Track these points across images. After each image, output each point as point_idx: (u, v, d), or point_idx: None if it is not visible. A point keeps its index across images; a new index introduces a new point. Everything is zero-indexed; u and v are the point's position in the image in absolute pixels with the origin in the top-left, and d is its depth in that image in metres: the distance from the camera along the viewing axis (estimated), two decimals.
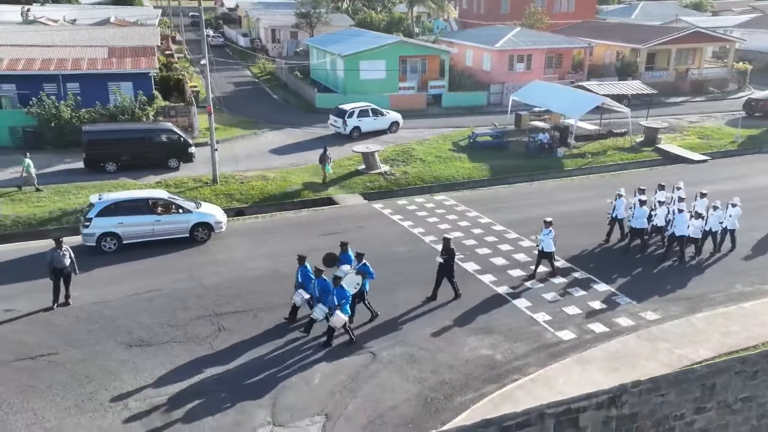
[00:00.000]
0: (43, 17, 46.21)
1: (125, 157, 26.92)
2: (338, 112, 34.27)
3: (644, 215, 18.97)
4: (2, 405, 12.13)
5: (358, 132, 33.82)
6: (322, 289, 14.33)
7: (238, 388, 12.74)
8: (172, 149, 27.44)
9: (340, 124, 33.72)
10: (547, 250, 17.13)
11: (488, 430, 7.83)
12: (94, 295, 16.54)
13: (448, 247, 16.01)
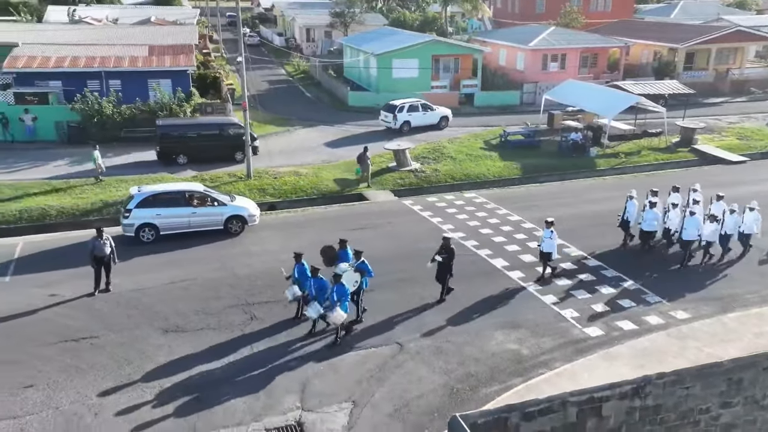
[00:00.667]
0: (88, 17, 47.79)
1: (195, 150, 27.81)
2: (389, 107, 35.03)
3: (654, 218, 18.47)
4: (48, 382, 12.76)
5: (408, 126, 34.33)
6: (318, 287, 14.26)
7: (269, 374, 13.12)
8: (239, 142, 27.97)
9: (390, 118, 34.40)
10: (546, 250, 16.90)
11: (511, 415, 7.99)
12: (133, 282, 17.17)
13: (448, 247, 15.84)
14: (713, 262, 18.41)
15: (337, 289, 13.87)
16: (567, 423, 8.29)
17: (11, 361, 13.39)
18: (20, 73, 30.91)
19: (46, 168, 26.98)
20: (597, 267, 18.22)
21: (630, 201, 19.18)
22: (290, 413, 12.01)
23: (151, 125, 30.77)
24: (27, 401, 12.19)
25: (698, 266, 18.25)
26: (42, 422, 11.61)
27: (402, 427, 11.61)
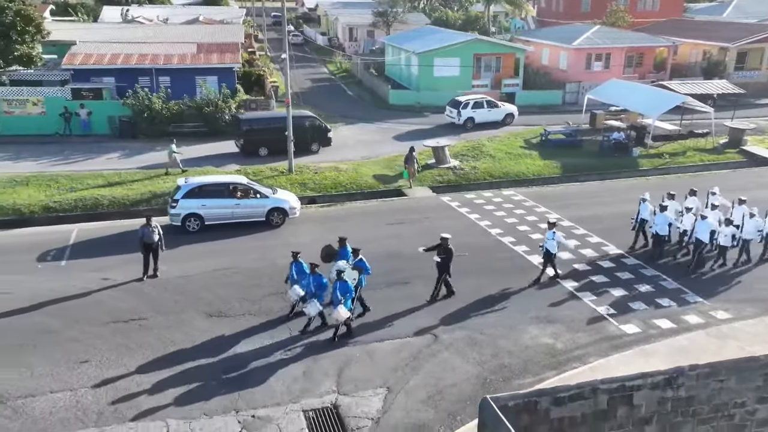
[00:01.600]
0: (140, 17, 49.63)
1: (275, 142, 28.70)
2: (454, 103, 35.69)
3: (665, 221, 17.91)
4: (101, 358, 13.50)
5: (471, 123, 34.77)
6: (317, 285, 14.28)
7: (307, 359, 13.53)
8: (315, 134, 29.87)
9: (455, 114, 34.95)
10: (551, 251, 16.74)
11: (541, 399, 8.14)
12: (179, 269, 17.89)
13: (446, 246, 15.79)
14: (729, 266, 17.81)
15: (341, 286, 13.93)
16: (597, 410, 8.37)
17: (70, 339, 14.21)
18: (77, 70, 32.40)
19: (98, 160, 28.20)
20: (636, 265, 18.06)
21: (643, 204, 18.74)
22: (327, 396, 12.40)
23: (197, 121, 31.92)
24: (82, 375, 12.94)
25: (710, 269, 17.75)
26: (95, 395, 12.31)
27: (434, 413, 11.86)
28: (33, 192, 23.80)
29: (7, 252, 19.03)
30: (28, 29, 31.92)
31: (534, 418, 8.20)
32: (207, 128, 31.77)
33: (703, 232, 17.29)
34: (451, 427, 11.39)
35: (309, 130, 29.96)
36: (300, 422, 11.61)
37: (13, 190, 23.96)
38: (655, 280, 17.11)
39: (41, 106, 30.95)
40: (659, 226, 17.95)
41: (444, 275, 15.98)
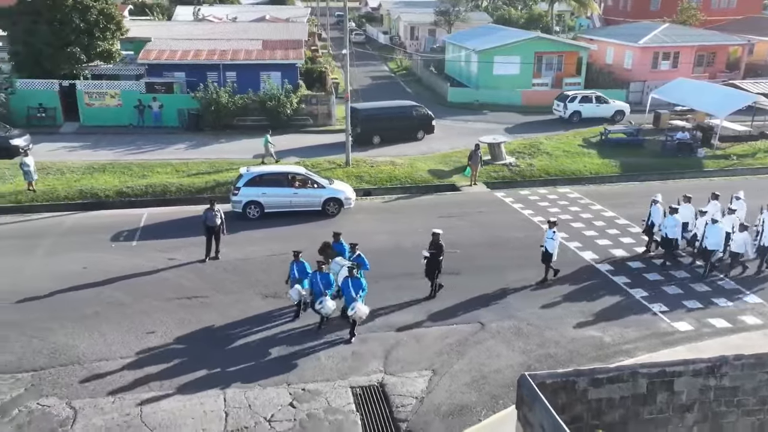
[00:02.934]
0: (210, 15, 51.78)
1: (387, 130, 30.71)
2: (561, 97, 36.20)
3: (674, 224, 17.22)
4: (165, 331, 14.45)
5: (578, 117, 35.08)
6: (326, 283, 14.12)
7: (356, 340, 14.03)
8: (421, 123, 31.97)
9: (561, 108, 35.43)
10: (549, 251, 16.41)
11: (579, 379, 8.30)
12: (239, 252, 18.80)
13: (437, 243, 15.74)
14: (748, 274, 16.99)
15: (354, 283, 13.82)
16: (637, 394, 8.45)
17: (139, 311, 15.25)
18: (151, 65, 34.23)
19: (168, 150, 29.74)
20: (692, 265, 17.62)
21: (654, 206, 18.01)
22: (373, 375, 12.86)
23: (260, 115, 33.09)
24: (149, 344, 13.90)
25: (724, 277, 16.99)
26: (159, 363, 13.22)
27: (477, 396, 12.12)
28: (109, 178, 25.40)
29: (85, 232, 20.49)
30: (109, 27, 33.99)
31: (571, 398, 8.38)
32: (269, 122, 32.88)
33: (712, 236, 16.48)
34: (494, 410, 11.62)
35: (415, 118, 31.94)
36: (347, 397, 12.12)
37: (91, 176, 25.65)
38: (712, 280, 16.68)
39: (118, 99, 32.91)
40: (669, 229, 17.24)
41: (437, 271, 15.86)
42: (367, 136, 30.82)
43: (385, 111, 32.06)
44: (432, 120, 32.48)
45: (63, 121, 32.97)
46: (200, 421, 11.38)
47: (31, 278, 16.83)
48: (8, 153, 26.95)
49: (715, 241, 16.45)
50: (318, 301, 14.02)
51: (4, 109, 31.20)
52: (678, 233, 17.41)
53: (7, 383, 12.37)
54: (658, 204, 18.02)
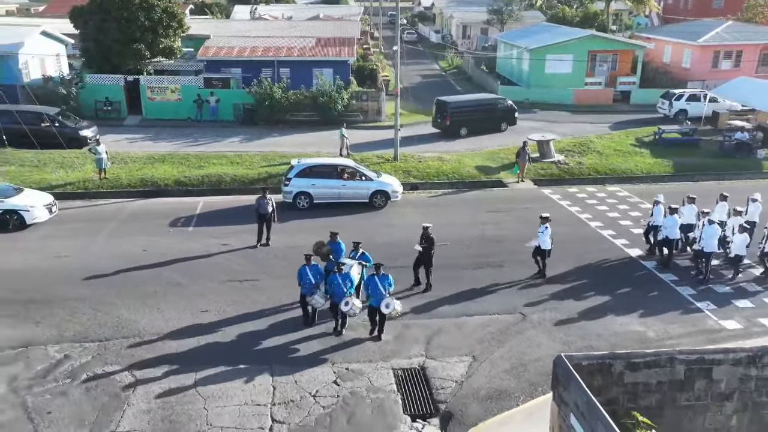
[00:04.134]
0: (266, 14, 53.29)
1: (474, 122, 32.09)
2: (667, 95, 36.13)
3: (674, 224, 16.83)
4: (218, 310, 15.21)
5: (683, 115, 34.82)
6: (349, 283, 13.77)
7: (399, 325, 14.40)
8: (505, 115, 33.18)
9: (666, 106, 35.32)
10: (543, 247, 16.32)
11: (615, 362, 8.44)
12: (288, 240, 19.47)
13: (428, 236, 15.78)
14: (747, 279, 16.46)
15: (382, 279, 13.56)
16: (674, 380, 8.52)
17: (194, 292, 16.09)
18: (209, 61, 35.63)
19: (223, 143, 30.90)
20: (746, 266, 17.22)
21: (657, 206, 17.63)
22: (415, 358, 13.23)
23: (312, 110, 33.93)
24: (203, 322, 14.68)
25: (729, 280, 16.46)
26: (212, 339, 13.97)
27: (516, 383, 12.32)
28: (168, 168, 26.63)
29: (146, 217, 21.64)
30: (172, 24, 35.55)
31: (607, 380, 8.53)
32: (319, 117, 33.70)
33: (709, 238, 16.02)
34: (532, 396, 11.80)
35: (500, 110, 33.12)
36: (389, 378, 12.53)
37: (152, 165, 26.96)
38: (765, 280, 16.27)
39: (178, 94, 34.38)
40: (669, 229, 16.88)
41: (429, 265, 15.95)
42: (455, 128, 31.98)
43: (471, 103, 33.23)
44: (515, 112, 33.47)
45: (127, 115, 34.70)
46: (249, 393, 12.01)
47: (97, 258, 17.96)
48: (78, 143, 28.62)
49: (711, 242, 16.07)
50: (344, 303, 13.50)
51: (74, 102, 33.08)
52: (678, 233, 17.08)
53: (77, 351, 13.36)
54: (661, 204, 17.70)
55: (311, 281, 14.00)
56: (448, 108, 32.04)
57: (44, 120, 28.52)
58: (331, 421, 11.31)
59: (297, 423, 11.20)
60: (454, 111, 32.06)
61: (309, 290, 13.95)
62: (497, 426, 10.95)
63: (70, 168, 26.00)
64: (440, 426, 11.22)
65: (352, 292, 13.80)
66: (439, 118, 32.73)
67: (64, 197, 22.88)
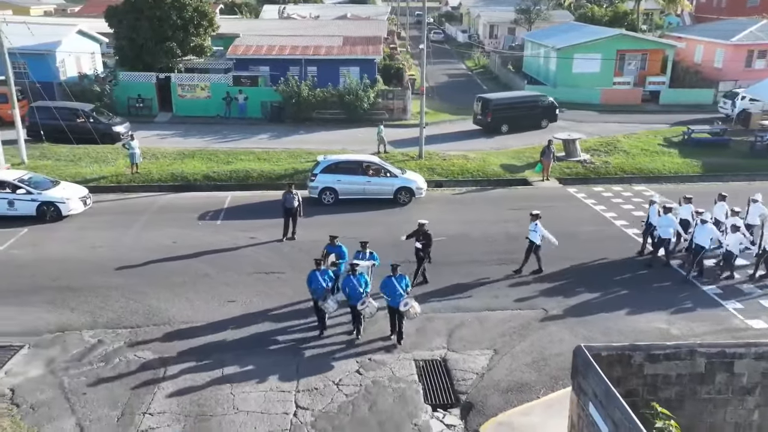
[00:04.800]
0: (295, 14, 53.90)
1: (515, 119, 32.67)
2: (729, 95, 36.02)
3: (668, 224, 16.77)
4: (245, 301, 15.58)
5: (744, 115, 34.31)
6: (366, 283, 13.54)
7: (421, 319, 14.51)
8: (546, 112, 33.73)
9: (729, 106, 35.14)
10: (533, 241, 16.53)
11: (635, 353, 8.53)
12: (314, 234, 19.71)
13: (425, 231, 15.90)
14: None
15: (399, 280, 13.31)
16: (694, 372, 8.57)
17: (221, 282, 16.52)
18: (238, 59, 36.25)
19: (251, 140, 31.42)
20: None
21: (652, 206, 17.60)
22: (437, 351, 13.40)
23: (338, 108, 34.25)
24: (230, 312, 15.08)
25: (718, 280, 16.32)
26: (238, 327, 14.34)
27: (537, 376, 12.41)
28: (197, 163, 27.23)
29: (176, 210, 22.21)
30: (203, 23, 36.29)
31: (627, 371, 8.62)
32: (346, 115, 34.03)
33: (701, 237, 15.97)
34: (553, 389, 11.88)
35: (540, 107, 33.55)
36: (410, 368, 12.73)
37: (181, 161, 27.59)
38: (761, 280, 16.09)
39: (207, 91, 35.08)
40: (662, 229, 16.87)
41: (424, 261, 16.08)
42: (497, 125, 32.47)
43: (513, 101, 33.74)
44: (556, 109, 33.92)
45: (158, 111, 35.51)
46: (274, 380, 12.32)
47: (129, 249, 18.53)
48: (111, 139, 29.45)
49: (703, 241, 16.04)
50: (360, 302, 13.24)
51: (108, 99, 34.01)
52: (672, 233, 17.02)
53: (110, 336, 13.85)
54: (656, 204, 17.65)
55: (323, 286, 13.61)
56: (490, 105, 32.53)
57: (80, 116, 29.42)
58: (354, 408, 11.55)
59: (320, 409, 11.47)
60: (496, 108, 32.51)
61: (321, 295, 13.59)
62: (517, 416, 11.07)
63: (103, 162, 26.76)
64: (461, 416, 11.38)
65: (368, 291, 13.53)
66: (480, 115, 33.19)
67: (98, 191, 23.59)
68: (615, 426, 7.33)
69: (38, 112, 28.68)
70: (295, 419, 11.24)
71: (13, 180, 20.76)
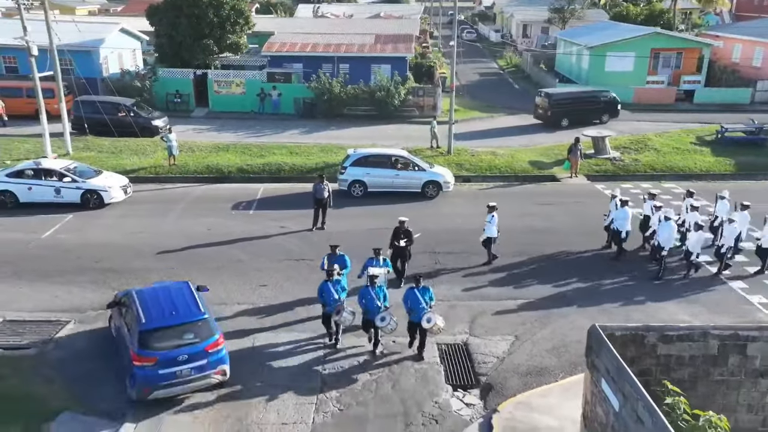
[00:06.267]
0: (329, 13, 54.74)
1: (576, 114, 33.20)
2: None
3: (625, 217, 17.02)
4: (276, 285, 16.22)
5: None
6: (384, 296, 12.90)
7: (445, 305, 14.97)
8: (607, 107, 34.19)
9: None
10: (489, 235, 16.82)
11: (648, 334, 8.79)
12: (343, 225, 20.36)
13: (406, 229, 16.04)
14: None
15: (423, 291, 12.66)
16: (707, 354, 8.79)
17: (254, 268, 17.20)
18: (273, 56, 37.11)
19: (283, 135, 32.18)
20: None
21: (612, 201, 18.00)
22: (459, 336, 13.80)
23: (369, 105, 34.80)
24: (261, 295, 15.73)
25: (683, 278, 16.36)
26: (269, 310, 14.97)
27: (557, 361, 12.71)
28: (231, 156, 28.09)
29: (211, 201, 23.04)
30: (239, 21, 37.30)
31: (641, 351, 8.89)
32: (377, 112, 34.55)
33: (662, 233, 16.07)
34: (572, 374, 12.16)
35: (602, 103, 33.99)
36: (433, 351, 13.16)
37: (216, 154, 28.49)
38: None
39: (242, 88, 36.03)
40: (619, 222, 17.14)
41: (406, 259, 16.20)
42: (557, 119, 32.96)
43: (574, 96, 34.32)
44: (618, 104, 34.11)
45: (195, 107, 36.62)
46: (302, 357, 12.91)
47: (167, 236, 19.38)
48: (150, 132, 30.56)
49: (665, 237, 16.15)
50: (380, 318, 12.45)
51: (147, 95, 35.24)
52: (627, 226, 17.18)
53: None
54: (617, 199, 17.88)
55: (335, 298, 12.81)
56: (551, 99, 33.00)
57: (121, 110, 30.62)
58: (377, 386, 12.04)
59: (345, 386, 11.99)
60: (556, 102, 33.08)
61: (333, 307, 12.78)
62: (536, 398, 11.41)
63: (143, 154, 27.84)
64: (480, 396, 11.77)
65: (387, 305, 12.77)
66: (541, 109, 33.72)
67: (137, 181, 24.58)
68: (625, 398, 7.64)
69: (83, 106, 29.96)
70: (321, 394, 11.79)
71: (60, 169, 21.87)
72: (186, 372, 11.23)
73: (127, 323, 11.89)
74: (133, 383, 11.10)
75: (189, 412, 11.35)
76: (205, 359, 11.38)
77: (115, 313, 13.00)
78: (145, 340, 11.14)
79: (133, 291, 12.63)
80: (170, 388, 11.19)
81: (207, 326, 11.69)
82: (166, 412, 11.26)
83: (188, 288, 12.62)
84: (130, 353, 11.26)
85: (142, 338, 11.14)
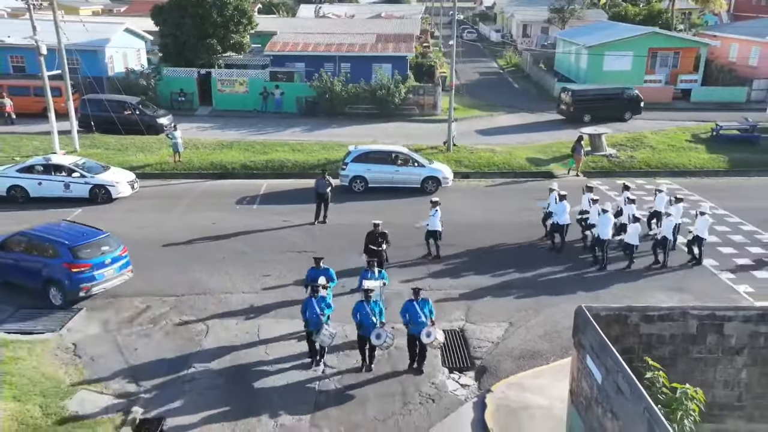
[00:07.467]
0: (330, 13, 55.35)
1: (597, 110, 33.96)
2: None
3: (564, 210, 17.61)
4: (279, 275, 16.80)
5: None
6: (380, 311, 12.35)
7: (443, 295, 15.53)
8: (629, 105, 34.76)
9: None
10: (431, 229, 17.39)
11: (631, 314, 9.35)
12: (343, 219, 20.93)
13: (381, 233, 16.34)
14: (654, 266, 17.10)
15: (422, 304, 12.21)
16: (687, 333, 9.33)
17: (257, 260, 17.76)
18: (275, 56, 37.69)
19: (286, 132, 32.73)
20: None
21: (551, 194, 18.59)
22: (455, 322, 14.36)
23: (370, 103, 35.35)
24: (264, 284, 16.32)
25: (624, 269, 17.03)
26: (272, 298, 15.54)
27: (549, 346, 13.27)
28: (235, 153, 28.66)
29: (215, 196, 23.62)
30: (242, 21, 37.88)
31: (624, 330, 9.45)
32: (378, 110, 35.11)
33: (603, 227, 16.70)
34: (563, 357, 12.70)
35: (624, 100, 34.67)
36: None
37: (220, 151, 29.06)
38: None
39: (245, 86, 36.60)
40: (558, 215, 17.71)
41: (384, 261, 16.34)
42: (578, 115, 33.71)
43: (596, 92, 34.96)
44: (641, 102, 34.59)
45: (198, 105, 37.21)
46: (304, 343, 13.45)
47: (172, 229, 19.96)
48: (155, 130, 31.14)
49: (605, 230, 16.76)
50: (375, 335, 11.96)
51: (152, 93, 35.84)
52: (567, 219, 17.80)
53: (157, 303, 15.23)
54: (555, 191, 18.47)
55: (317, 316, 12.14)
56: (573, 96, 33.93)
57: (127, 108, 31.21)
58: (376, 367, 12.59)
59: (345, 367, 12.55)
60: (578, 98, 33.92)
61: (316, 326, 12.17)
62: (528, 379, 11.97)
63: (148, 151, 28.43)
64: (475, 377, 12.33)
65: (383, 320, 12.29)
66: (563, 105, 34.56)
67: (143, 177, 25.14)
68: (607, 371, 8.20)
69: (89, 105, 30.56)
70: (323, 375, 12.35)
71: (69, 164, 22.46)
72: (111, 272, 15.25)
73: (35, 253, 15.16)
74: (71, 287, 14.58)
75: None
76: (120, 261, 15.50)
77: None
78: (76, 254, 14.76)
79: (22, 232, 15.97)
80: (104, 284, 15.13)
81: (114, 240, 15.83)
82: None
83: (76, 223, 16.87)
84: (58, 268, 14.59)
85: (73, 252, 14.74)
